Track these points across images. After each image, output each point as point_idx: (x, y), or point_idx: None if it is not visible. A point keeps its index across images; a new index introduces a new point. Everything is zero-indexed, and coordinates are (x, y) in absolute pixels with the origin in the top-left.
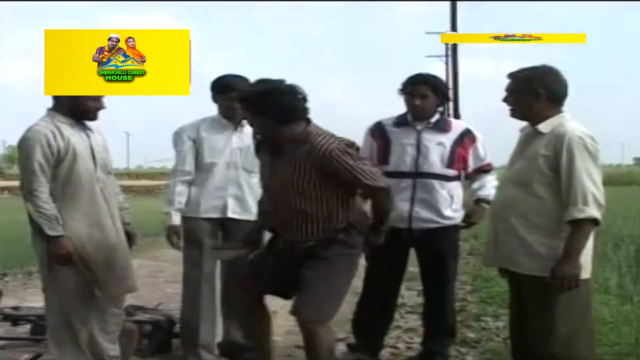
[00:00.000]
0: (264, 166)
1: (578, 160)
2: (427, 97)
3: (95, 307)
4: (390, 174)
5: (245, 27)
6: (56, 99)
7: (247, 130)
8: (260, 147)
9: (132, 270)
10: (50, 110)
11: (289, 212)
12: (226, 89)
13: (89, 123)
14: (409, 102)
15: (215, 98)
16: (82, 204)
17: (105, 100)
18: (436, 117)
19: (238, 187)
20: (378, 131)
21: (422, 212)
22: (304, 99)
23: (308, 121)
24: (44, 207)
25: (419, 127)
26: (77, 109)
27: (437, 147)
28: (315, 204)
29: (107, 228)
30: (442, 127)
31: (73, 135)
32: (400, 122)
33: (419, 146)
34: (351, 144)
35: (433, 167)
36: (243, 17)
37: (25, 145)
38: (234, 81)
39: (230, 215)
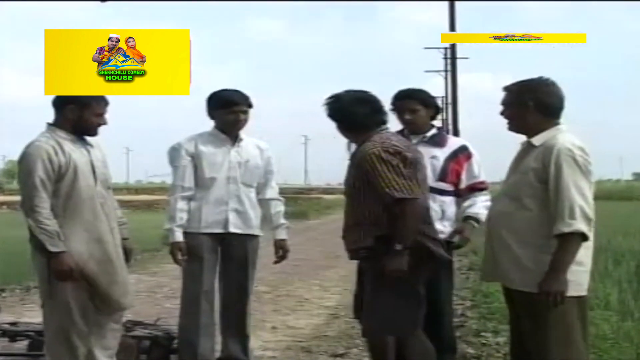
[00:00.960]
0: None
1: (566, 172)
2: (417, 110)
3: (94, 322)
4: None
5: (243, 41)
6: (59, 113)
7: (245, 144)
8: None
9: (129, 287)
10: (50, 125)
11: (348, 216)
12: (228, 104)
13: (89, 138)
14: (399, 118)
15: (213, 113)
16: (83, 219)
17: (107, 117)
18: (433, 131)
19: (239, 202)
20: None
21: None
22: (377, 109)
23: (383, 129)
24: (45, 222)
25: (414, 141)
26: (81, 125)
27: (429, 161)
28: (365, 207)
29: (107, 244)
30: (437, 141)
31: (74, 151)
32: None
33: None
34: (395, 152)
35: None
36: (241, 31)
37: (26, 160)
38: (234, 96)
39: (231, 230)
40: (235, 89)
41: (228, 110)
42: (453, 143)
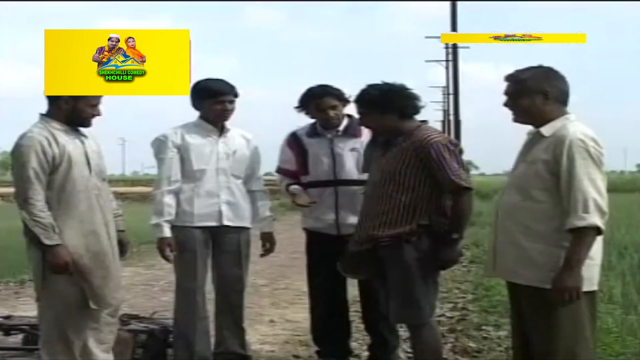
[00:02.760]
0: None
1: (579, 164)
2: (336, 106)
3: (90, 316)
4: (311, 184)
5: (241, 32)
6: (53, 104)
7: (231, 135)
8: (373, 148)
9: (120, 281)
10: (44, 115)
11: (378, 202)
12: (215, 94)
13: (83, 129)
14: (320, 114)
15: (198, 103)
16: (78, 212)
17: (102, 107)
18: (344, 122)
19: (230, 193)
20: (295, 142)
21: (349, 218)
22: (417, 97)
23: (424, 121)
24: (40, 215)
25: (329, 136)
26: (75, 116)
27: (351, 154)
28: (405, 192)
29: (102, 237)
30: (352, 132)
31: (68, 142)
32: (312, 132)
33: (333, 155)
34: (455, 144)
35: (350, 174)
36: (238, 21)
37: (20, 152)
38: (221, 85)
39: (225, 222)
40: (219, 79)
41: (215, 100)
42: (367, 132)
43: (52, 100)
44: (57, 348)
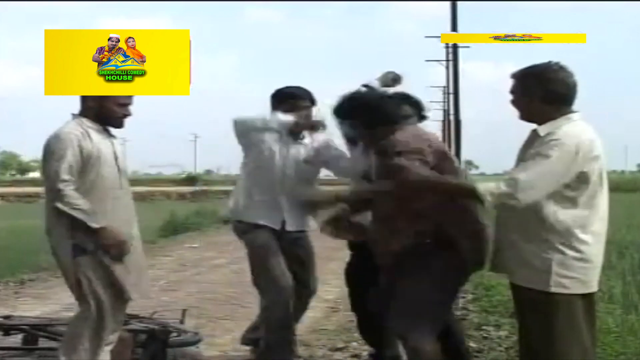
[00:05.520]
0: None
1: (547, 153)
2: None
3: (114, 317)
4: None
5: (240, 31)
6: (82, 102)
7: (306, 142)
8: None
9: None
10: (77, 115)
11: (387, 210)
12: (289, 97)
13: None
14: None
15: (278, 109)
16: (107, 210)
17: (132, 108)
18: None
19: (293, 199)
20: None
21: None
22: (391, 108)
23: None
24: (78, 202)
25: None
26: (102, 114)
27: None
28: (412, 199)
29: (131, 234)
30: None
31: (99, 142)
32: None
33: None
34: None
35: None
36: (238, 21)
37: (57, 147)
38: (294, 90)
39: (288, 228)
40: (298, 86)
41: (288, 105)
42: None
43: (82, 99)
44: (80, 347)
